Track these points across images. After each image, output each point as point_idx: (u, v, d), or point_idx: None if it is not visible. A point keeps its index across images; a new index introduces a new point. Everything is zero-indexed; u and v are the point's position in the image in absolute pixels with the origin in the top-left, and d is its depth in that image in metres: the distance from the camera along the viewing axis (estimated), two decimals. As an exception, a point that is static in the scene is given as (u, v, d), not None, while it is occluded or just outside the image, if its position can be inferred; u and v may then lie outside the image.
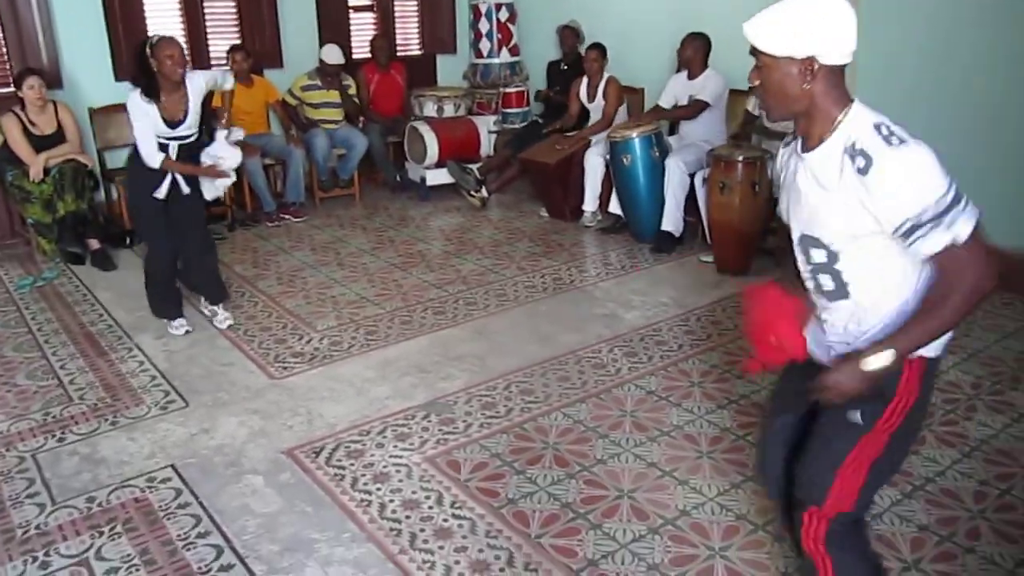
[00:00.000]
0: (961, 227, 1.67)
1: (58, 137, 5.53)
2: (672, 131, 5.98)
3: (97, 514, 2.89)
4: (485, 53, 7.48)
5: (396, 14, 7.64)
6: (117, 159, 6.32)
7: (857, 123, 1.73)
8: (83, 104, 6.09)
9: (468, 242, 5.77)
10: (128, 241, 5.82)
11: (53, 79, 5.86)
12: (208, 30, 6.68)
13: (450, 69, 7.84)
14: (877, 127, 1.71)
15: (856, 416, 1.85)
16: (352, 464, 3.14)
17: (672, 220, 5.38)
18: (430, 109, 6.94)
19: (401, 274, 5.16)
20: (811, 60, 1.73)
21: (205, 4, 6.62)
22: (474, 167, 6.67)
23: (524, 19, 7.63)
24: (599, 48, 6.10)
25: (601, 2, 6.89)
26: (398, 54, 7.56)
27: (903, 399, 1.83)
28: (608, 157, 5.65)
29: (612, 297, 4.74)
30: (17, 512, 2.91)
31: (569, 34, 6.97)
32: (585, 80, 6.18)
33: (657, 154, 5.41)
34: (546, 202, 6.36)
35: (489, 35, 7.45)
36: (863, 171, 1.68)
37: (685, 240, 5.52)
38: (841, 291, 1.86)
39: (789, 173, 1.91)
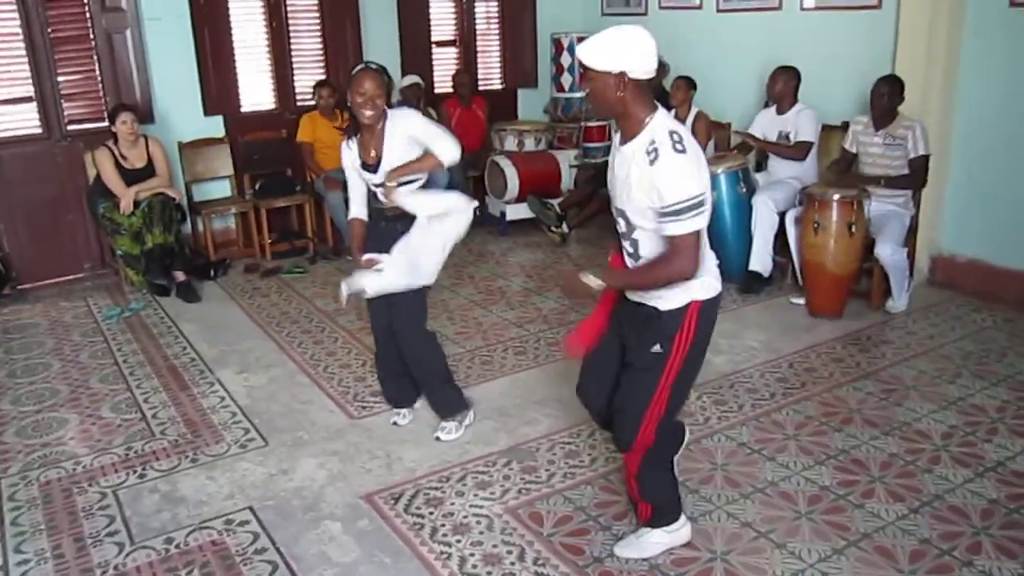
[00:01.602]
0: (690, 225, 2.28)
1: (148, 171, 5.64)
2: (759, 167, 5.81)
3: (175, 556, 2.85)
4: (567, 87, 7.42)
5: (478, 48, 7.66)
6: (205, 192, 6.46)
7: (658, 126, 2.34)
8: (173, 138, 6.22)
9: (549, 279, 5.68)
10: (213, 273, 5.89)
11: (145, 114, 6.00)
12: (294, 65, 6.78)
13: (531, 103, 7.81)
14: (671, 134, 2.31)
15: (656, 348, 2.48)
16: (432, 513, 3.04)
17: (760, 260, 5.22)
18: (511, 143, 6.90)
19: (481, 311, 5.09)
20: (623, 74, 2.32)
21: (292, 40, 6.72)
22: (555, 202, 6.59)
23: (607, 53, 7.54)
24: (687, 80, 5.98)
25: (687, 34, 6.78)
26: (479, 88, 7.56)
27: (687, 332, 2.46)
28: (693, 194, 5.48)
29: (698, 340, 4.56)
30: (97, 551, 2.89)
31: (657, 69, 6.86)
32: (672, 114, 6.04)
33: (744, 191, 5.25)
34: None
35: (571, 69, 7.39)
36: (652, 163, 2.29)
37: (774, 280, 5.35)
38: (636, 254, 2.48)
39: (612, 160, 2.49)
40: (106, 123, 5.72)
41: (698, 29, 6.71)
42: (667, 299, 2.45)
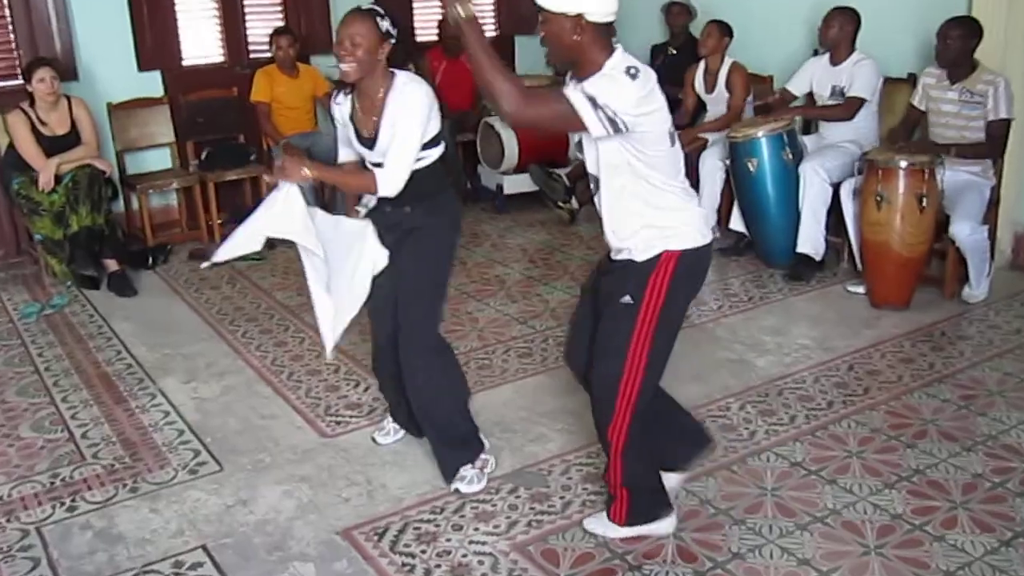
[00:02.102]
0: (578, 98, 2.48)
1: (72, 138, 5.59)
2: (808, 129, 5.78)
3: (114, 607, 2.80)
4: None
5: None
6: (140, 163, 6.40)
7: (618, 63, 2.54)
8: (101, 99, 6.17)
9: (556, 265, 5.64)
10: (151, 261, 5.84)
11: (67, 70, 5.93)
12: (247, 11, 6.73)
13: (532, 54, 7.72)
14: (628, 68, 2.52)
15: (627, 298, 2.71)
16: (424, 551, 3.00)
17: (810, 240, 5.20)
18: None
19: (476, 305, 5.05)
20: (579, 17, 2.52)
21: (243, -21, 6.67)
22: (562, 172, 6.54)
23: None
24: (720, 25, 5.94)
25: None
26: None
27: (660, 283, 2.68)
28: (729, 161, 5.46)
29: (739, 337, 4.55)
30: (19, 602, 2.84)
31: (678, 11, 6.82)
32: (702, 66, 6.02)
33: (790, 157, 5.23)
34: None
35: (579, 11, 7.32)
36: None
37: (827, 265, 5.34)
38: (608, 217, 2.77)
39: None
40: (20, 81, 5.66)
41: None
42: (640, 249, 2.71)
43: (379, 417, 3.85)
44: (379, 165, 3.11)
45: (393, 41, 3.09)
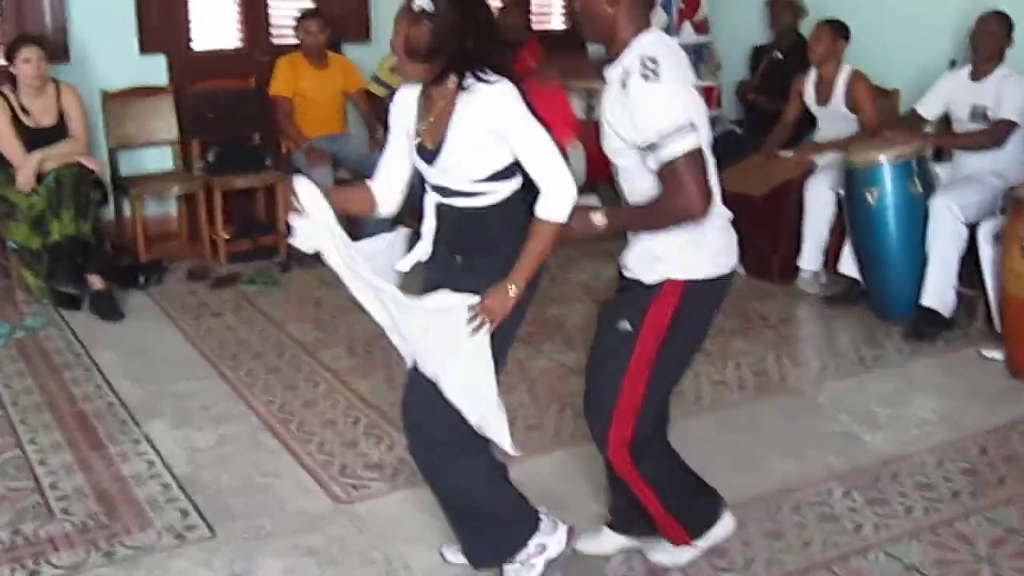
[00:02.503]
0: (680, 145, 2.66)
1: (59, 131, 5.70)
2: (940, 156, 5.73)
3: None
4: (660, 29, 7.37)
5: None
6: (136, 163, 6.51)
7: (641, 48, 2.70)
8: (94, 86, 6.30)
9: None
10: (143, 280, 5.91)
11: (57, 51, 6.08)
12: (270, -12, 6.84)
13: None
14: (644, 59, 2.66)
15: (624, 324, 2.91)
16: (452, 649, 2.99)
17: (938, 291, 5.16)
18: (577, 108, 6.86)
19: (526, 352, 5.05)
20: None
21: (269, -49, 6.79)
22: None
23: (719, -19, 7.55)
24: (834, 27, 5.94)
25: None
26: (532, 28, 7.55)
27: (662, 313, 2.87)
28: (843, 191, 5.43)
29: (845, 407, 4.51)
30: None
31: (783, 7, 6.81)
32: (813, 75, 6.01)
33: (919, 190, 5.21)
34: (744, 253, 6.13)
35: (666, 3, 7.37)
36: (624, 84, 2.70)
37: (957, 322, 5.29)
38: (625, 199, 2.94)
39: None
40: (2, 61, 5.77)
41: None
42: (646, 273, 2.91)
43: (405, 483, 3.84)
44: (440, 190, 2.92)
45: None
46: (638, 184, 2.86)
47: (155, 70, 6.56)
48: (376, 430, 4.28)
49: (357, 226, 6.33)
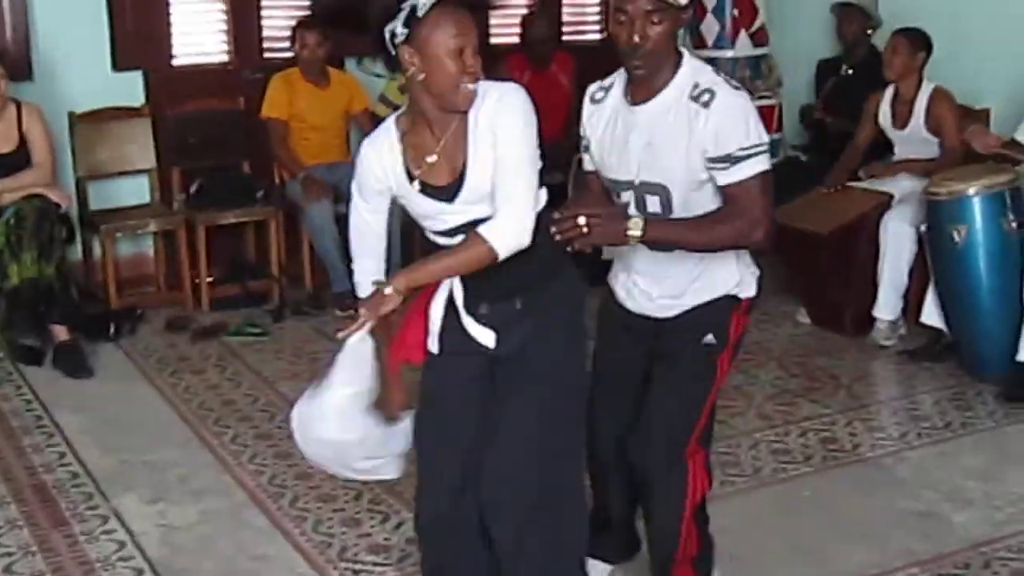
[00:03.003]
0: (757, 164, 2.87)
1: (19, 158, 5.74)
2: (1039, 187, 5.73)
3: None
4: (711, 40, 7.43)
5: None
6: (107, 195, 6.53)
7: (694, 71, 2.96)
8: (62, 107, 6.34)
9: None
10: (114, 331, 5.93)
11: (18, 66, 6.12)
12: (262, -3, 6.90)
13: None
14: (718, 73, 2.97)
15: (709, 337, 3.08)
16: None
17: (1039, 345, 5.13)
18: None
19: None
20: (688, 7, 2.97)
21: (260, -45, 6.87)
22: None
23: (779, -13, 7.60)
24: (912, 37, 5.93)
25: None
26: (563, 39, 7.61)
27: (737, 327, 3.12)
28: (925, 227, 5.43)
29: (929, 481, 4.48)
30: None
31: (852, 15, 6.83)
32: (890, 93, 6.02)
33: (1014, 227, 5.18)
34: (809, 300, 6.21)
35: (719, 10, 7.39)
36: (707, 105, 2.86)
37: (1061, 383, 5.23)
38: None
39: (610, 126, 3.09)
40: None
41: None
42: (704, 292, 3.07)
43: (412, 567, 3.85)
44: (467, 228, 2.85)
45: None
46: (695, 209, 2.97)
47: (130, 89, 6.58)
48: (381, 506, 4.25)
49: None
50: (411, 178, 2.90)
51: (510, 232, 2.76)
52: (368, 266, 3.07)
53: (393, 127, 2.93)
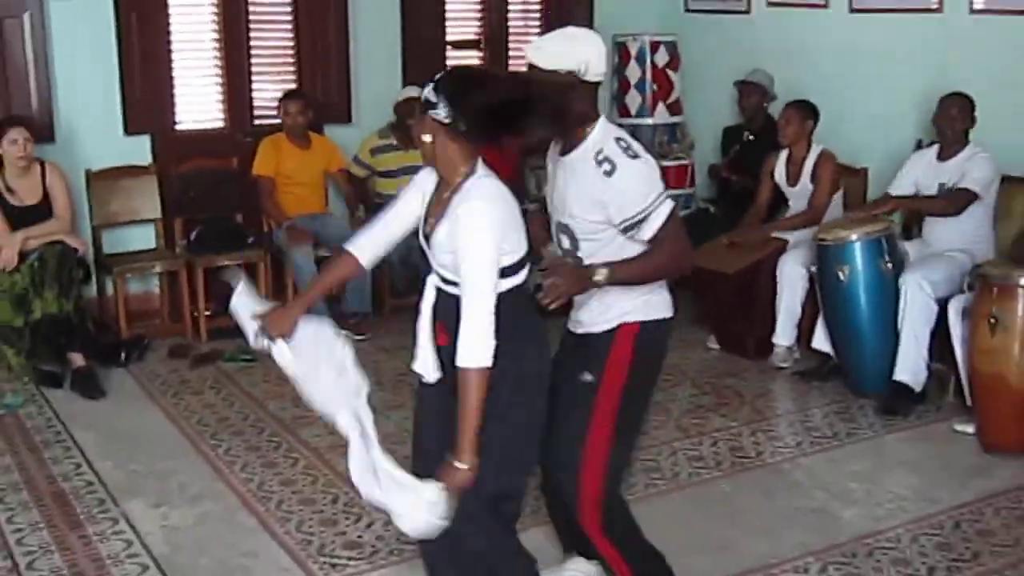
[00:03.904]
0: (661, 213, 2.94)
1: (43, 210, 5.70)
2: (910, 234, 5.75)
3: None
4: (634, 110, 7.47)
5: (511, 52, 7.75)
6: (119, 241, 6.48)
7: (603, 133, 3.00)
8: (79, 165, 6.30)
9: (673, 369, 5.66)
10: (124, 357, 5.86)
11: (43, 131, 6.07)
12: (254, 69, 6.87)
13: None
14: (618, 140, 2.97)
15: (586, 376, 3.06)
16: None
17: (910, 367, 5.15)
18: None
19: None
20: (573, 74, 2.96)
21: (252, 36, 6.84)
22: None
23: (690, 65, 7.62)
24: (802, 108, 5.97)
25: (806, 43, 6.82)
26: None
27: (621, 358, 3.06)
28: (815, 268, 5.44)
29: (820, 483, 4.48)
30: None
31: (750, 90, 6.85)
32: (784, 155, 6.04)
33: (890, 267, 5.21)
34: (718, 329, 6.21)
35: (640, 86, 7.45)
36: (608, 175, 2.92)
37: (929, 397, 5.27)
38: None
39: (551, 173, 3.18)
40: (-11, 141, 5.77)
41: (822, 35, 6.79)
42: (599, 323, 3.09)
43: (383, 562, 3.80)
44: (437, 272, 2.90)
45: (450, 122, 2.75)
46: (607, 252, 3.00)
47: (139, 150, 6.54)
48: (355, 508, 4.21)
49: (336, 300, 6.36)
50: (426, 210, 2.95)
51: (475, 346, 2.69)
52: (364, 239, 3.12)
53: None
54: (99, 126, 6.40)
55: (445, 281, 2.85)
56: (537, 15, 7.86)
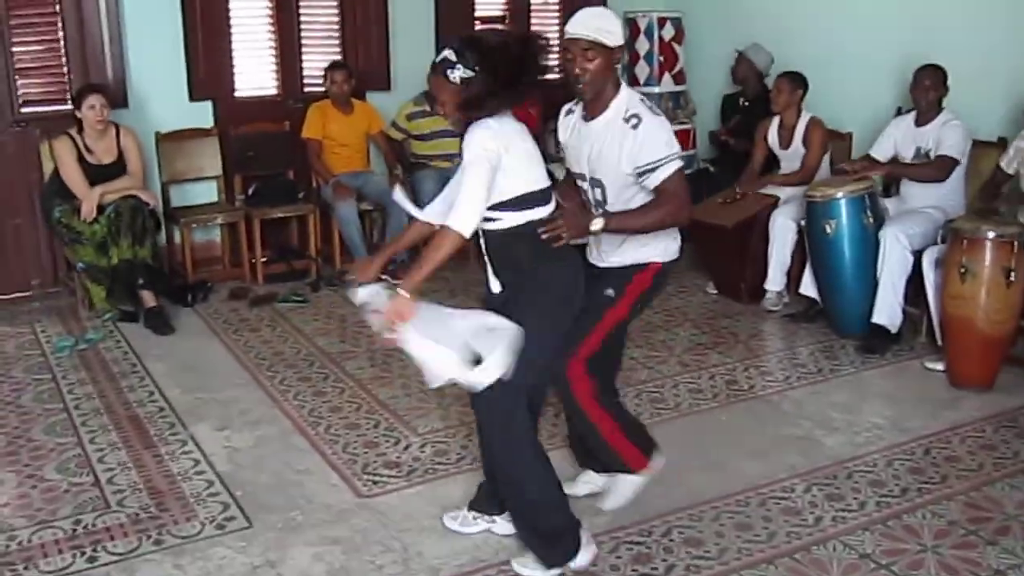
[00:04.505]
0: (670, 167, 3.08)
1: (118, 168, 5.69)
2: (888, 192, 5.70)
3: (129, 670, 2.78)
4: (642, 80, 7.39)
5: (533, 27, 7.65)
6: (185, 196, 6.49)
7: (628, 97, 3.16)
8: (150, 128, 6.28)
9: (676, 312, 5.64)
10: (190, 298, 5.89)
11: (117, 97, 6.05)
12: (303, 43, 6.82)
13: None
14: (641, 101, 3.17)
15: (608, 291, 3.29)
16: (459, 629, 2.95)
17: (887, 311, 5.11)
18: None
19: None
20: (620, 48, 3.14)
21: (301, 12, 6.78)
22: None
23: (694, 38, 7.53)
24: (793, 78, 5.90)
25: (796, 18, 6.71)
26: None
27: (641, 285, 3.31)
28: (803, 222, 5.41)
29: (806, 413, 4.47)
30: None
31: (741, 62, 6.76)
32: (776, 121, 5.97)
33: (871, 221, 5.16)
34: (716, 276, 6.16)
35: (648, 57, 7.37)
36: (635, 128, 3.08)
37: (904, 338, 5.24)
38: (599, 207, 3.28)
39: (573, 136, 3.31)
40: (70, 106, 5.77)
41: (811, 12, 6.67)
42: (630, 258, 3.30)
43: (419, 480, 3.83)
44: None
45: (473, 80, 2.88)
46: (624, 196, 3.20)
47: (203, 114, 6.52)
48: (394, 432, 4.24)
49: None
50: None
51: (461, 215, 2.89)
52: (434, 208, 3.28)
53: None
54: (167, 93, 6.38)
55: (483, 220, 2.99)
56: (556, -7, 7.77)
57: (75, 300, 5.86)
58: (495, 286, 3.15)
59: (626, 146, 3.10)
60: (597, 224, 3.07)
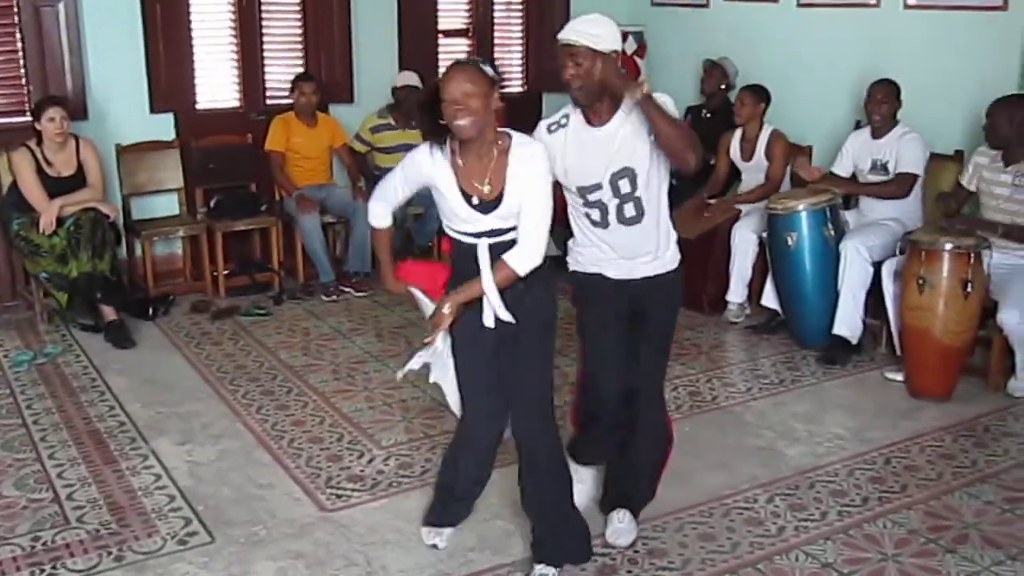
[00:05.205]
0: None
1: (78, 180, 5.63)
2: (847, 204, 5.76)
3: None
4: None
5: (496, 41, 7.68)
6: (146, 208, 6.44)
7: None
8: (110, 140, 6.22)
9: (572, 335, 5.57)
10: (151, 312, 5.83)
11: (77, 109, 6.00)
12: (266, 54, 6.79)
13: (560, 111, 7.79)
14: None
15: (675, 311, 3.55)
16: (424, 642, 2.94)
17: (848, 322, 5.15)
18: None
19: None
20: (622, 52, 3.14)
21: (264, 24, 6.75)
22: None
23: (656, 52, 7.58)
24: (756, 92, 5.95)
25: (758, 34, 6.77)
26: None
27: (679, 290, 3.52)
28: (765, 234, 5.45)
29: (768, 423, 4.50)
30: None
31: (715, 73, 6.81)
32: (739, 134, 6.02)
33: (832, 234, 5.20)
34: (679, 287, 6.17)
35: (612, 71, 7.38)
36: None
37: (864, 349, 5.29)
38: (637, 216, 3.26)
39: (579, 144, 3.19)
40: (29, 119, 5.71)
41: (772, 27, 6.72)
42: (672, 260, 3.40)
43: (383, 493, 3.81)
44: (494, 232, 3.00)
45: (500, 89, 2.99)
46: (653, 179, 3.22)
47: (164, 127, 6.47)
48: (358, 446, 4.22)
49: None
50: (462, 189, 3.00)
51: (529, 259, 2.97)
52: (382, 208, 3.33)
53: (440, 149, 3.03)
54: (128, 105, 6.32)
55: (497, 233, 3.00)
56: (519, 6, 7.76)
57: (33, 314, 5.79)
58: (489, 320, 3.08)
59: (641, 131, 3.10)
60: (647, 87, 3.02)
